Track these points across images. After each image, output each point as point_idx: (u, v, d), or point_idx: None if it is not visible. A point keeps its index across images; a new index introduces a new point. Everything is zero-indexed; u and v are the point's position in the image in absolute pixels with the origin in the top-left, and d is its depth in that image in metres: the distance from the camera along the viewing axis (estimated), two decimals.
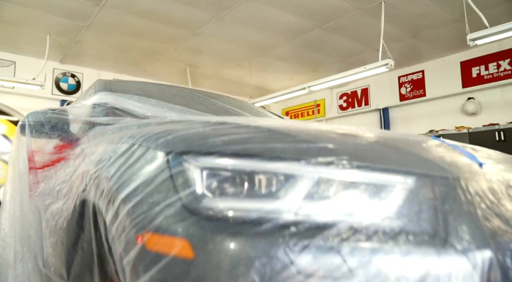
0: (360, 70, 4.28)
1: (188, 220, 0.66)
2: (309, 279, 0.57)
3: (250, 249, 0.60)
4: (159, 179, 0.74)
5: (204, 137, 0.80)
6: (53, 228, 1.18)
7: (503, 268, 0.61)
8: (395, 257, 0.60)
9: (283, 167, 0.70)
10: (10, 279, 1.48)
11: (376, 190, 0.70)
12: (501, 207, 0.71)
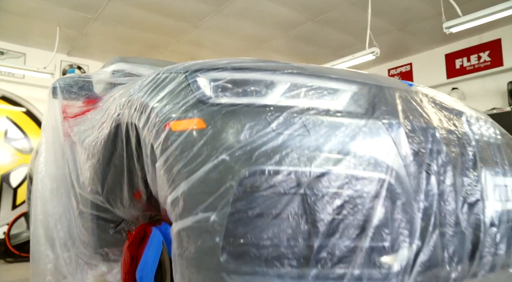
0: (349, 58, 4.63)
1: (201, 107, 0.98)
2: (279, 134, 0.90)
3: (242, 118, 0.93)
4: (180, 88, 1.07)
5: (209, 62, 1.12)
6: (90, 153, 1.50)
7: (406, 130, 0.94)
8: (340, 123, 0.93)
9: (265, 75, 1.03)
10: (50, 209, 1.80)
11: (333, 91, 1.03)
12: (411, 102, 1.04)
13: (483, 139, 1.19)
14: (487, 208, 1.06)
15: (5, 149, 5.59)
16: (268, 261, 0.84)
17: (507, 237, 1.10)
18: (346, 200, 0.86)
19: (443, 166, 0.99)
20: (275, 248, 0.84)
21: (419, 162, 0.95)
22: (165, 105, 1.06)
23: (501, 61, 5.31)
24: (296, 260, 0.84)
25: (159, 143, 1.02)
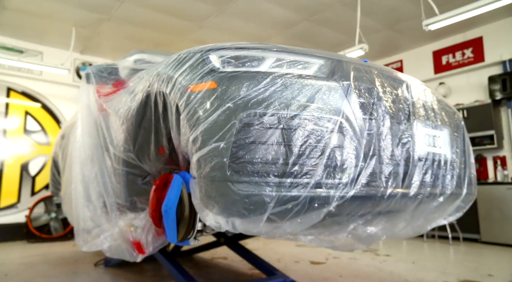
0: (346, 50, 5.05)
1: (213, 74, 1.41)
2: (266, 89, 1.32)
3: (242, 80, 1.35)
4: (197, 62, 1.50)
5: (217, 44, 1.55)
6: (125, 119, 1.92)
7: (355, 88, 1.37)
8: (309, 83, 1.35)
9: (258, 53, 1.46)
10: (87, 170, 2.23)
11: (305, 63, 1.46)
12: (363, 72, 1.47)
13: (419, 101, 1.62)
14: (416, 148, 1.49)
15: (25, 140, 6.03)
16: (258, 173, 1.26)
17: (431, 170, 1.52)
18: (311, 132, 1.28)
19: (382, 115, 1.42)
20: (263, 165, 1.27)
21: (364, 110, 1.37)
22: (187, 75, 1.50)
23: (483, 57, 5.72)
24: (277, 172, 1.26)
25: (183, 101, 1.45)
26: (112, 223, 2.13)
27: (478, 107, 5.58)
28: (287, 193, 1.24)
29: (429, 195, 1.54)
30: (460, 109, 5.73)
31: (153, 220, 1.85)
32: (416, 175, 1.47)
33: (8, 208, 5.73)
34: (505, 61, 5.46)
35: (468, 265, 3.63)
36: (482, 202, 5.03)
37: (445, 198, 1.65)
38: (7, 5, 4.93)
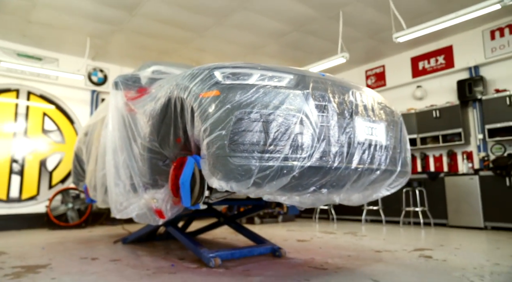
0: (325, 61, 5.76)
1: (217, 84, 2.09)
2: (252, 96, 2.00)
3: (236, 89, 2.03)
4: (206, 77, 2.17)
5: (220, 64, 2.23)
6: (150, 116, 2.59)
7: (312, 95, 2.05)
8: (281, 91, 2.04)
9: (248, 70, 2.14)
10: (117, 157, 2.90)
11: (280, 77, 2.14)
12: (319, 83, 2.15)
13: (362, 103, 2.29)
14: (356, 136, 2.17)
15: (43, 139, 6.68)
16: (247, 151, 1.93)
17: (369, 151, 2.20)
18: (282, 124, 1.95)
19: (332, 112, 2.09)
20: (250, 145, 1.93)
21: (318, 109, 2.04)
22: (199, 85, 2.17)
23: (453, 63, 6.42)
24: (259, 150, 1.93)
25: (197, 103, 2.11)
26: (139, 197, 2.80)
27: (448, 108, 6.28)
28: (265, 164, 1.91)
29: (367, 169, 2.22)
30: (434, 110, 6.43)
31: (172, 191, 2.52)
32: (356, 154, 2.15)
33: (29, 200, 6.38)
34: (471, 67, 6.16)
35: (428, 240, 4.31)
36: (450, 191, 5.73)
37: (381, 172, 2.32)
38: (32, 19, 5.60)
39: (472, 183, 5.50)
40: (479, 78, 5.96)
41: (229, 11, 5.52)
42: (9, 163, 6.27)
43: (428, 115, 6.53)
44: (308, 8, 5.45)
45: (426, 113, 6.57)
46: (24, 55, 6.51)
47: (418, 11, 5.50)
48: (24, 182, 6.38)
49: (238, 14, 5.60)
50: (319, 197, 2.24)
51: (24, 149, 6.45)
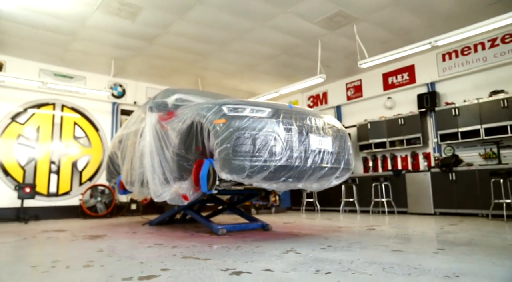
0: (306, 81, 7.11)
1: (224, 115, 3.43)
2: (246, 123, 3.34)
3: (236, 119, 3.37)
4: (217, 110, 3.51)
5: (226, 100, 3.57)
6: (178, 132, 3.92)
7: (282, 121, 3.39)
8: (264, 120, 3.38)
9: (244, 106, 3.48)
10: (153, 159, 4.22)
11: (263, 110, 3.48)
12: (292, 113, 3.48)
13: (315, 125, 3.61)
14: (311, 146, 3.49)
15: (74, 144, 8.00)
16: (242, 156, 3.25)
17: (319, 155, 3.52)
18: (263, 139, 3.27)
19: (294, 131, 3.41)
20: (244, 152, 3.25)
21: (285, 130, 3.36)
22: (212, 115, 3.49)
23: (415, 79, 7.76)
24: (249, 155, 3.25)
25: (212, 127, 3.44)
26: (170, 187, 4.12)
27: (410, 117, 7.61)
28: (253, 164, 3.24)
29: (318, 167, 3.54)
30: (400, 118, 7.76)
31: (194, 182, 3.85)
32: (310, 158, 3.47)
33: (64, 195, 7.70)
34: (428, 83, 7.50)
35: (383, 222, 5.64)
36: (409, 185, 7.06)
37: (328, 169, 3.64)
38: (70, 48, 6.92)
39: (426, 178, 6.84)
40: (434, 93, 7.30)
41: (229, 41, 6.85)
42: (48, 164, 7.59)
43: (395, 122, 7.86)
44: (293, 38, 6.77)
45: (394, 120, 7.91)
46: (59, 74, 7.84)
47: (380, 40, 6.83)
48: (60, 180, 7.70)
49: (237, 42, 6.93)
50: (288, 184, 3.57)
51: (60, 152, 7.77)
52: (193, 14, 5.78)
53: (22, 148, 7.35)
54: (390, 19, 6.09)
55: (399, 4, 5.61)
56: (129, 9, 5.57)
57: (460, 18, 5.96)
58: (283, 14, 5.85)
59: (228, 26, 6.23)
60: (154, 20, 5.98)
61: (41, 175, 7.49)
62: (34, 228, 5.38)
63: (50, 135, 7.72)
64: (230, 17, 5.91)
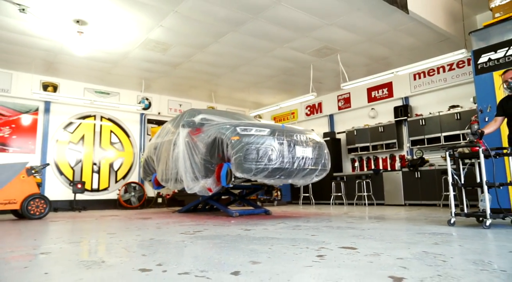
0: (300, 98, 8.75)
1: (238, 133, 5.11)
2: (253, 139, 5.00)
3: (246, 136, 5.04)
4: (233, 130, 5.19)
5: (238, 122, 5.23)
6: (205, 144, 5.59)
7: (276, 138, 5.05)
8: (264, 137, 5.05)
9: (251, 127, 5.15)
10: (185, 163, 5.92)
11: (264, 130, 5.14)
12: (284, 132, 5.13)
13: (300, 139, 5.22)
14: (296, 154, 5.11)
15: (110, 149, 9.71)
16: (250, 161, 4.90)
17: (303, 160, 5.14)
18: (264, 150, 4.90)
19: (285, 144, 5.03)
20: (251, 158, 4.90)
21: (279, 143, 4.98)
22: (230, 133, 5.14)
23: (392, 94, 9.34)
24: (255, 160, 4.90)
25: (229, 141, 5.09)
26: (198, 182, 5.78)
27: (389, 125, 9.19)
28: (257, 166, 4.89)
29: (302, 168, 5.17)
30: (380, 126, 9.35)
31: (216, 179, 5.51)
32: (296, 162, 5.09)
33: (103, 190, 9.41)
34: (403, 97, 9.07)
35: (361, 211, 7.24)
36: (386, 182, 8.65)
37: (309, 170, 5.27)
38: (111, 72, 8.63)
39: (398, 176, 8.43)
40: (407, 106, 8.88)
41: (238, 66, 8.50)
42: (91, 165, 9.32)
43: (377, 130, 9.45)
44: (289, 63, 8.40)
45: (375, 128, 9.49)
46: (99, 91, 9.55)
47: (362, 64, 8.43)
48: (100, 178, 9.42)
49: (244, 67, 8.57)
50: (281, 180, 5.21)
51: (99, 155, 9.49)
52: (210, 48, 7.43)
53: (71, 152, 9.08)
54: (366, 50, 7.69)
55: (371, 41, 7.20)
56: (162, 46, 7.24)
57: (420, 49, 7.55)
58: (281, 48, 7.48)
59: (237, 56, 7.88)
60: (180, 53, 7.64)
61: (86, 174, 9.22)
62: (92, 215, 7.08)
63: (92, 141, 9.44)
64: (239, 50, 7.55)
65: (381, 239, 2.83)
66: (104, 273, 1.80)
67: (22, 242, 3.21)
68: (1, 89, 8.16)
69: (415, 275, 1.62)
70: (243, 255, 2.21)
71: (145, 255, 2.32)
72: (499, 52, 5.30)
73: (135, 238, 3.20)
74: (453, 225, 3.75)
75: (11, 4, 5.47)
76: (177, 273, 1.76)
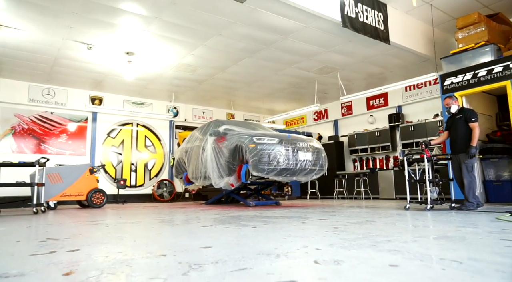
0: (306, 107, 10.23)
1: (255, 142, 6.69)
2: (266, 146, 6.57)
3: (260, 145, 6.62)
4: (250, 139, 6.77)
5: (253, 133, 6.80)
6: (228, 150, 7.18)
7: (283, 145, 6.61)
8: (274, 144, 6.62)
9: (264, 137, 6.72)
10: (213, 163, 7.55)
11: (274, 139, 6.71)
12: (289, 140, 6.67)
13: (302, 146, 6.73)
14: (299, 157, 6.63)
15: (145, 151, 11.41)
16: (264, 162, 6.46)
17: (304, 162, 6.67)
18: (274, 154, 6.43)
19: (290, 150, 6.55)
20: (264, 162, 6.45)
21: (285, 149, 6.50)
22: (248, 141, 6.71)
23: (388, 103, 10.73)
24: (267, 162, 6.45)
25: (247, 148, 6.66)
26: (223, 179, 7.38)
27: (384, 130, 10.59)
28: (269, 167, 6.44)
29: (303, 168, 6.68)
30: (377, 131, 10.75)
31: (238, 176, 7.09)
32: (298, 164, 6.61)
33: (140, 186, 11.13)
34: (396, 106, 10.46)
35: (353, 202, 8.71)
36: (380, 179, 10.07)
37: (309, 170, 6.77)
38: (147, 87, 10.31)
39: (390, 174, 9.84)
40: (399, 113, 10.26)
41: (253, 82, 10.06)
42: (130, 165, 11.04)
43: (374, 134, 10.86)
44: (297, 79, 9.91)
45: (373, 132, 10.90)
46: (135, 102, 11.27)
47: (360, 78, 9.87)
48: (137, 176, 11.13)
49: (258, 82, 10.12)
50: (287, 178, 6.75)
51: (136, 157, 11.20)
52: (230, 69, 9.01)
53: (113, 154, 10.82)
54: (362, 68, 9.13)
55: (364, 62, 8.65)
56: (191, 68, 8.86)
57: (408, 68, 8.94)
58: (289, 68, 9.01)
59: (253, 74, 9.43)
60: (205, 73, 9.25)
61: (126, 173, 10.94)
62: (135, 206, 8.76)
63: (130, 145, 11.16)
64: (254, 70, 9.11)
65: (347, 216, 4.35)
66: (178, 227, 3.40)
67: (123, 219, 4.85)
68: (60, 103, 9.94)
69: (349, 229, 3.15)
70: (257, 222, 3.77)
71: (199, 221, 3.90)
72: (459, 77, 6.71)
73: (185, 217, 4.80)
74: (408, 209, 5.22)
75: (81, 44, 7.17)
76: (223, 227, 3.33)
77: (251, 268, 1.53)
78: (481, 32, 6.71)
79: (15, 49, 7.45)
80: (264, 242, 2.33)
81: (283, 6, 5.85)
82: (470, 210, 4.97)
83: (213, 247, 2.11)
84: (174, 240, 2.57)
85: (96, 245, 2.35)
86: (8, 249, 2.24)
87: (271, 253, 1.88)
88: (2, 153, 8.95)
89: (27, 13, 6.01)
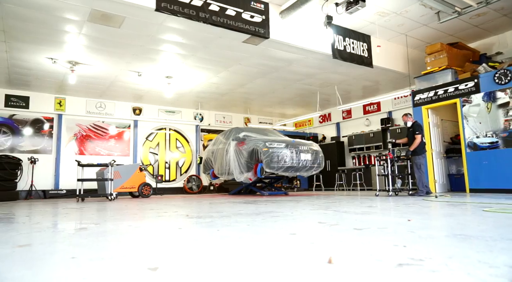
0: (310, 114, 12.25)
1: (267, 146, 8.81)
2: (274, 150, 8.68)
3: (271, 149, 8.73)
4: (263, 144, 8.89)
5: (266, 138, 8.92)
6: (247, 151, 9.30)
7: (289, 149, 8.72)
8: (282, 148, 8.72)
9: (274, 142, 8.84)
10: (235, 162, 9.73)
11: (283, 143, 8.82)
12: (294, 144, 8.75)
13: (304, 148, 8.77)
14: (301, 158, 8.70)
15: (176, 151, 13.65)
16: (274, 162, 8.55)
17: (305, 161, 8.74)
18: (282, 156, 8.50)
19: (294, 152, 8.61)
20: (274, 161, 8.55)
21: (290, 151, 8.56)
22: (262, 146, 8.82)
23: (380, 109, 12.64)
24: (276, 162, 8.54)
25: (262, 151, 8.78)
26: (243, 174, 9.52)
27: (377, 132, 12.53)
28: (278, 165, 8.54)
29: (304, 166, 8.74)
30: (371, 133, 12.69)
31: (254, 172, 9.23)
32: (300, 162, 8.66)
33: (173, 181, 13.38)
34: (387, 112, 12.37)
35: (349, 192, 10.74)
36: (374, 173, 12.04)
37: (308, 167, 8.83)
38: (178, 99, 12.51)
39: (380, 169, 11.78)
40: (389, 118, 12.17)
41: (266, 93, 12.13)
42: (164, 163, 13.30)
43: (369, 135, 12.79)
44: (303, 91, 11.93)
45: (368, 134, 12.83)
46: (167, 111, 13.50)
47: (357, 88, 11.81)
48: (170, 172, 13.39)
49: (270, 94, 12.19)
50: (293, 173, 8.85)
51: (169, 156, 13.45)
52: (247, 86, 11.11)
53: (151, 154, 13.10)
54: (356, 83, 11.09)
55: (356, 79, 10.61)
56: (215, 85, 10.99)
57: (394, 82, 10.85)
58: (295, 84, 11.04)
59: (265, 88, 11.50)
60: (226, 88, 11.37)
61: (161, 169, 13.21)
62: (172, 197, 10.98)
63: (164, 146, 13.41)
64: (267, 86, 11.18)
65: (328, 201, 6.40)
66: (216, 205, 5.55)
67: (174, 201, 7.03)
68: (109, 113, 12.24)
69: (323, 205, 5.24)
70: (269, 203, 5.87)
71: (229, 202, 6.04)
72: (425, 93, 8.64)
73: (218, 201, 6.93)
74: (377, 196, 7.24)
75: (134, 72, 9.39)
76: (247, 205, 5.46)
77: (267, 220, 3.64)
78: (443, 58, 8.60)
79: (85, 77, 9.73)
80: (271, 209, 4.44)
81: (287, 46, 7.89)
82: (421, 195, 6.96)
83: (244, 211, 4.23)
84: (217, 209, 4.70)
85: (168, 208, 4.50)
86: (139, 213, 4.42)
87: (276, 216, 3.98)
88: (68, 154, 11.32)
89: (99, 56, 8.24)
